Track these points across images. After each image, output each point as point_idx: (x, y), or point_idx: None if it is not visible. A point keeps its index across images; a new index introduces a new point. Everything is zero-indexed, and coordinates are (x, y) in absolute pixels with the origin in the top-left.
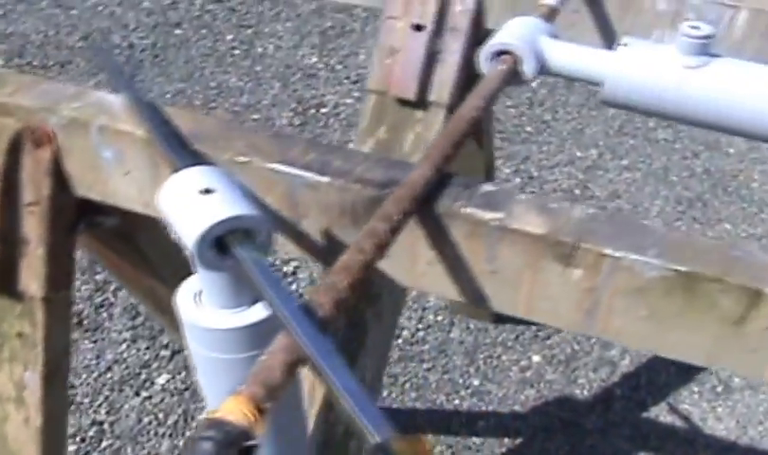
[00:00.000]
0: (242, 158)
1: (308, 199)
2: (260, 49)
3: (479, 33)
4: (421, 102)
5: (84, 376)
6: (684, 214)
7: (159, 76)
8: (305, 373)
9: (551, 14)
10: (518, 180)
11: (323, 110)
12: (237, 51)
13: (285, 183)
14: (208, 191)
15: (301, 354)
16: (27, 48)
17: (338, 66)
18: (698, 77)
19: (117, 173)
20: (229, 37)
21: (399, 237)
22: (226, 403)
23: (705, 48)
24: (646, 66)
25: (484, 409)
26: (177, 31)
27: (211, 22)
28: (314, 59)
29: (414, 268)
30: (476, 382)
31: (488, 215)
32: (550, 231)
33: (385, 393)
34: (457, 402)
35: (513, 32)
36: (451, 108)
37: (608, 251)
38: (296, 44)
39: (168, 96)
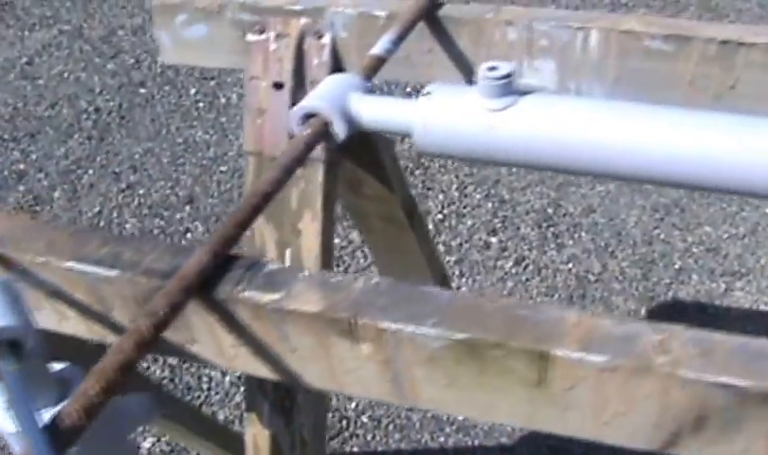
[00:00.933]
0: (40, 259)
1: (109, 293)
2: (223, 100)
3: None
4: None
5: None
6: (662, 222)
7: (127, 137)
8: (249, 432)
9: (377, 64)
10: (489, 205)
11: None
12: (201, 104)
13: (85, 279)
14: None
15: None
16: None
17: None
18: (504, 119)
19: None
20: (193, 91)
21: (197, 321)
22: None
23: (508, 88)
24: (449, 114)
25: (470, 443)
26: (142, 90)
27: (174, 77)
28: None
29: (223, 351)
30: (460, 417)
31: (266, 297)
32: (326, 309)
33: (369, 437)
34: (442, 439)
35: (322, 93)
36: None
37: (385, 325)
38: None
39: (136, 156)
